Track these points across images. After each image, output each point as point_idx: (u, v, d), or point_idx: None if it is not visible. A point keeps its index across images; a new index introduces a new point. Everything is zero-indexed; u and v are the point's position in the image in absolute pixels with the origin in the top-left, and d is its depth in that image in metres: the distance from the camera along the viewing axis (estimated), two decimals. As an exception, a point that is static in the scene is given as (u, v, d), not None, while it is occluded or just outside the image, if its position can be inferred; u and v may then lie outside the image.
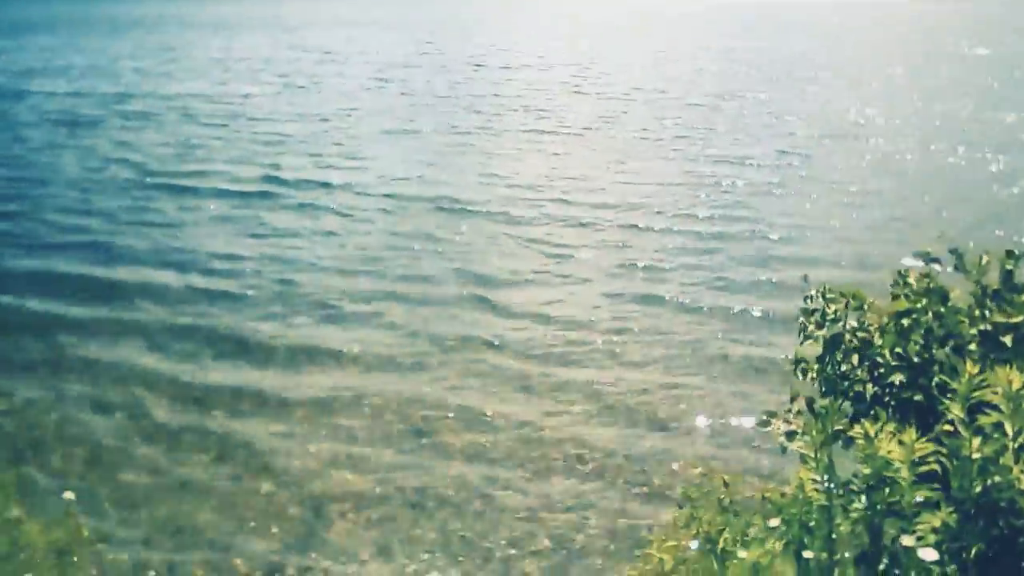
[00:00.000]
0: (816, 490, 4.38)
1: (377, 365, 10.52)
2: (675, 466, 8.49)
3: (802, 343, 5.49)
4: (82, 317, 11.77)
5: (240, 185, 18.25)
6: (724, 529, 5.18)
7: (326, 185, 18.29)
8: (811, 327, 5.51)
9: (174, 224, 15.75)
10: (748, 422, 9.17)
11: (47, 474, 8.03)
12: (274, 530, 7.72)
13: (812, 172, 19.96)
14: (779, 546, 4.48)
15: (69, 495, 7.52)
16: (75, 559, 5.11)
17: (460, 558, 7.39)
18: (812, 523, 4.37)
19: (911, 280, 5.46)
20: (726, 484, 5.26)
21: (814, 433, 4.66)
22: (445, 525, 7.78)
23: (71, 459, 8.54)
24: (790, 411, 5.41)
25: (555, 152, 21.72)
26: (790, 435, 5.28)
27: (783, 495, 5.23)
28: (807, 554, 4.17)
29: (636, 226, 15.94)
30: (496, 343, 11.07)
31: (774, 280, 13.21)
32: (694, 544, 5.29)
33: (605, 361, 10.64)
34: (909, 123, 25.36)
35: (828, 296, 5.47)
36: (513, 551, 7.45)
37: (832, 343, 5.39)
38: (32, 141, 21.87)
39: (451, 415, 9.43)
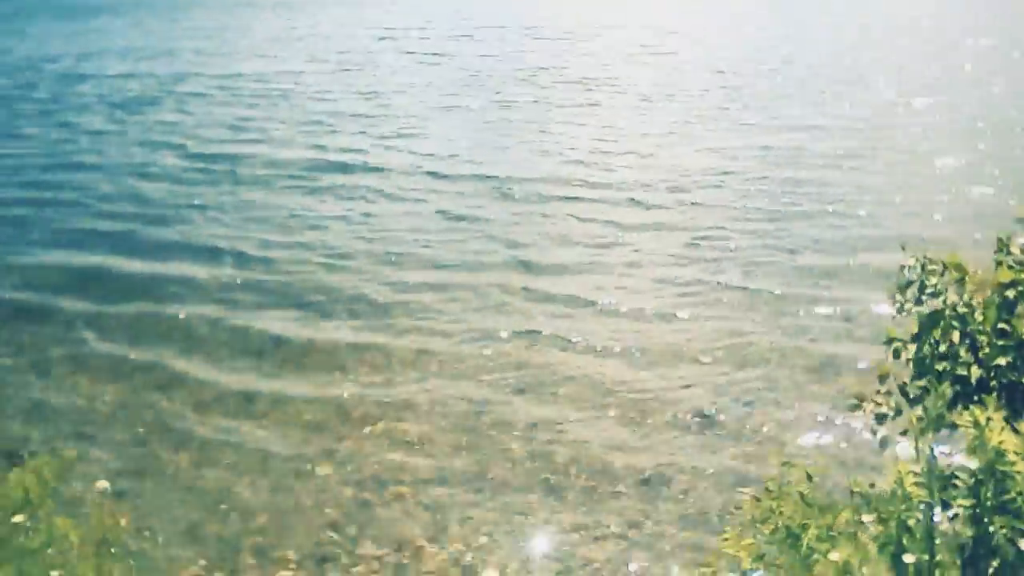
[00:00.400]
0: (917, 484, 3.93)
1: (430, 354, 10.06)
2: (748, 457, 7.99)
3: (895, 316, 5.02)
4: (121, 308, 11.45)
5: (286, 168, 17.87)
6: (808, 525, 4.75)
7: (375, 166, 17.86)
8: (907, 302, 5.03)
9: (218, 210, 15.30)
10: (825, 416, 8.59)
11: (87, 463, 7.83)
12: (327, 513, 7.48)
13: (885, 142, 19.09)
14: (873, 547, 4.04)
15: (103, 484, 7.34)
16: (113, 551, 4.87)
17: (520, 543, 7.08)
18: (911, 521, 3.92)
19: (1014, 249, 4.95)
20: (810, 477, 4.81)
21: (913, 419, 4.20)
22: (504, 510, 7.47)
23: (113, 446, 8.37)
24: (879, 392, 4.94)
25: (613, 125, 21.13)
26: (880, 418, 4.82)
27: (872, 486, 4.80)
28: (907, 558, 3.71)
29: (698, 203, 15.24)
30: (550, 334, 10.49)
31: (850, 264, 12.39)
32: (772, 539, 4.87)
33: (665, 354, 10.01)
34: (987, 90, 24.21)
35: (928, 268, 4.97)
36: (576, 537, 7.10)
37: (930, 320, 4.90)
38: (83, 125, 21.90)
39: (505, 405, 9.00)
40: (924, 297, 4.94)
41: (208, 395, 9.30)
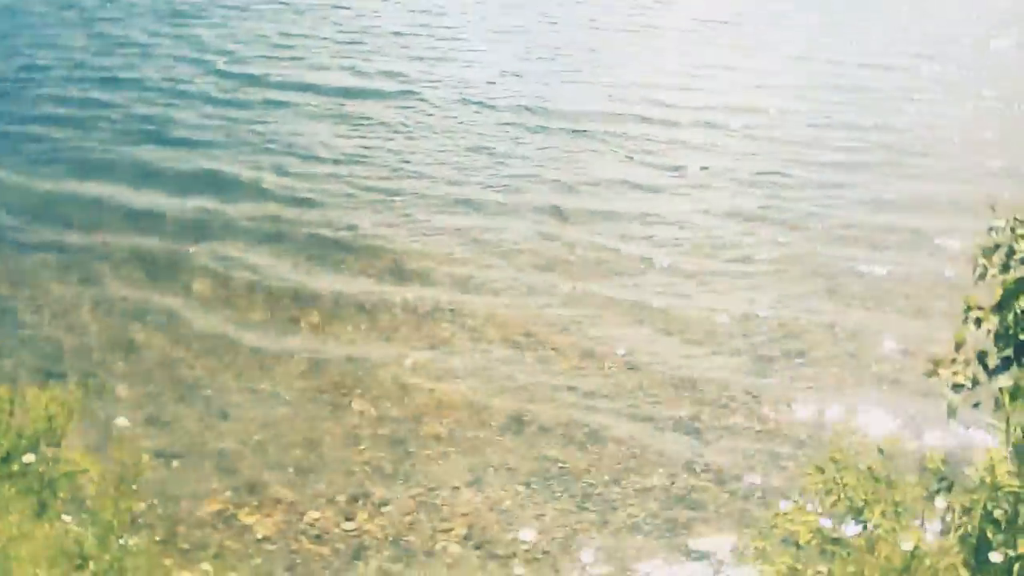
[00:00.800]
0: (1009, 473, 3.56)
1: (465, 302, 9.63)
2: (805, 417, 7.60)
3: (977, 282, 4.60)
4: (134, 242, 10.95)
5: (321, 93, 16.83)
6: (872, 500, 4.41)
7: (412, 92, 16.96)
8: (991, 268, 4.59)
9: (245, 137, 14.47)
10: (889, 387, 8.09)
11: (106, 400, 7.55)
12: (360, 450, 7.29)
13: (955, 78, 18.12)
14: (954, 536, 3.69)
15: (123, 421, 7.13)
16: (134, 487, 4.70)
17: (558, 493, 6.84)
18: (998, 513, 3.55)
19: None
20: (881, 451, 4.46)
21: (1006, 397, 3.82)
22: (544, 456, 7.22)
23: (134, 383, 8.07)
24: (955, 360, 4.54)
25: (667, 53, 20.32)
26: (956, 388, 4.44)
27: (944, 462, 4.45)
28: (995, 557, 3.35)
29: (756, 146, 14.49)
30: (588, 286, 9.99)
31: (909, 196, 11.81)
32: (834, 513, 4.55)
33: (719, 296, 9.60)
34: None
35: (1018, 231, 4.51)
36: (616, 491, 6.84)
37: (1016, 287, 4.46)
38: (123, 38, 21.15)
39: (549, 341, 8.70)
40: (1012, 263, 4.52)
41: (234, 333, 8.93)
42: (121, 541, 4.59)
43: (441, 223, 11.41)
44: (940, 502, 4.04)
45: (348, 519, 6.54)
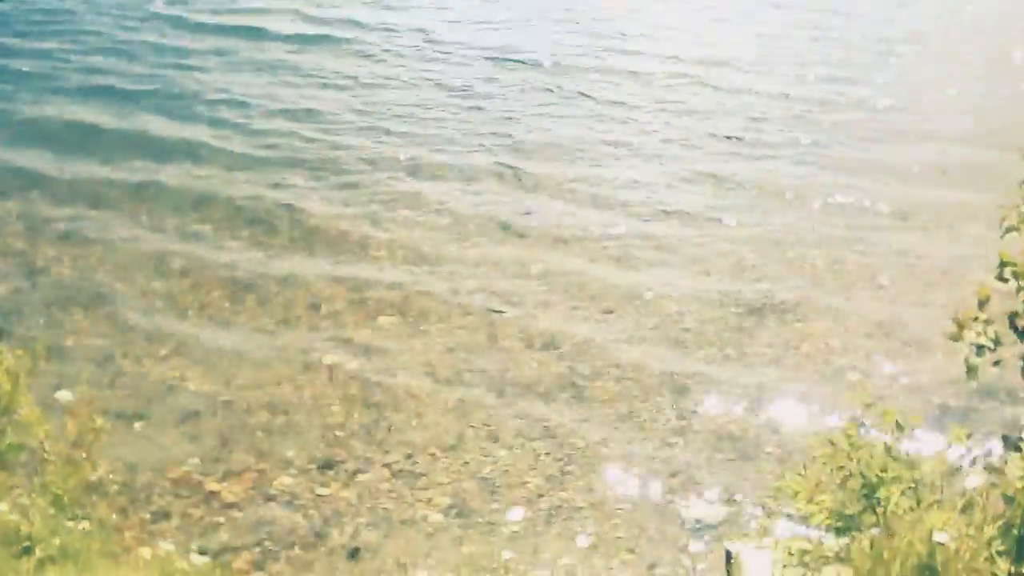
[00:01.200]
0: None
1: (421, 253, 9.20)
2: (793, 378, 7.25)
3: (1003, 236, 4.29)
4: (98, 174, 10.61)
5: (271, 31, 16.30)
6: (887, 478, 4.12)
7: (366, 39, 16.16)
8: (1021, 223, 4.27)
9: (194, 91, 13.66)
10: (891, 348, 7.64)
11: (58, 361, 7.02)
12: (333, 412, 6.91)
13: (927, 29, 17.73)
14: (990, 527, 3.40)
15: (68, 393, 6.61)
16: (84, 455, 4.30)
17: (543, 455, 6.52)
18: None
19: None
20: (900, 426, 4.14)
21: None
22: (527, 417, 6.87)
23: (85, 338, 7.61)
24: (976, 319, 4.22)
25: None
26: (980, 349, 4.13)
27: (969, 436, 4.20)
28: (1042, 551, 3.05)
29: (731, 91, 14.01)
30: (555, 232, 9.66)
31: (892, 160, 11.36)
32: (845, 489, 4.27)
33: (687, 261, 9.13)
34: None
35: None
36: (604, 451, 6.53)
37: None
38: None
39: (523, 308, 8.23)
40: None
41: (193, 280, 8.52)
42: (72, 521, 4.19)
43: (394, 187, 10.72)
44: (972, 482, 3.77)
45: (322, 486, 6.18)
